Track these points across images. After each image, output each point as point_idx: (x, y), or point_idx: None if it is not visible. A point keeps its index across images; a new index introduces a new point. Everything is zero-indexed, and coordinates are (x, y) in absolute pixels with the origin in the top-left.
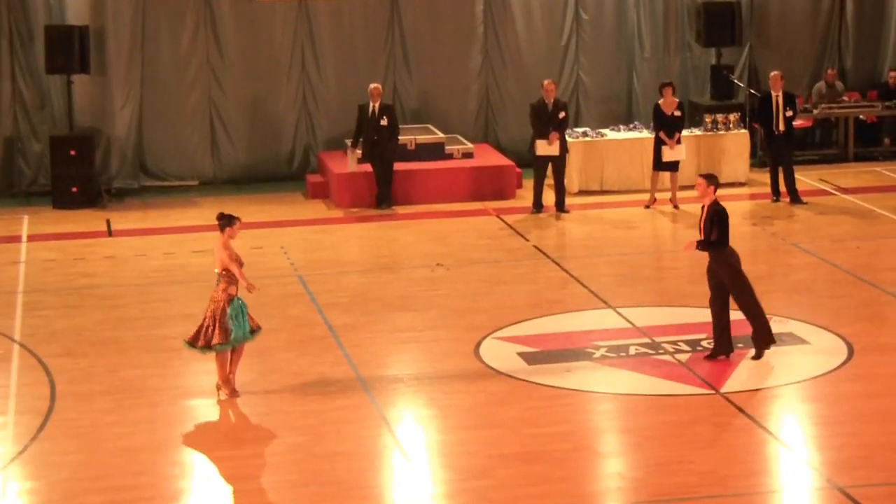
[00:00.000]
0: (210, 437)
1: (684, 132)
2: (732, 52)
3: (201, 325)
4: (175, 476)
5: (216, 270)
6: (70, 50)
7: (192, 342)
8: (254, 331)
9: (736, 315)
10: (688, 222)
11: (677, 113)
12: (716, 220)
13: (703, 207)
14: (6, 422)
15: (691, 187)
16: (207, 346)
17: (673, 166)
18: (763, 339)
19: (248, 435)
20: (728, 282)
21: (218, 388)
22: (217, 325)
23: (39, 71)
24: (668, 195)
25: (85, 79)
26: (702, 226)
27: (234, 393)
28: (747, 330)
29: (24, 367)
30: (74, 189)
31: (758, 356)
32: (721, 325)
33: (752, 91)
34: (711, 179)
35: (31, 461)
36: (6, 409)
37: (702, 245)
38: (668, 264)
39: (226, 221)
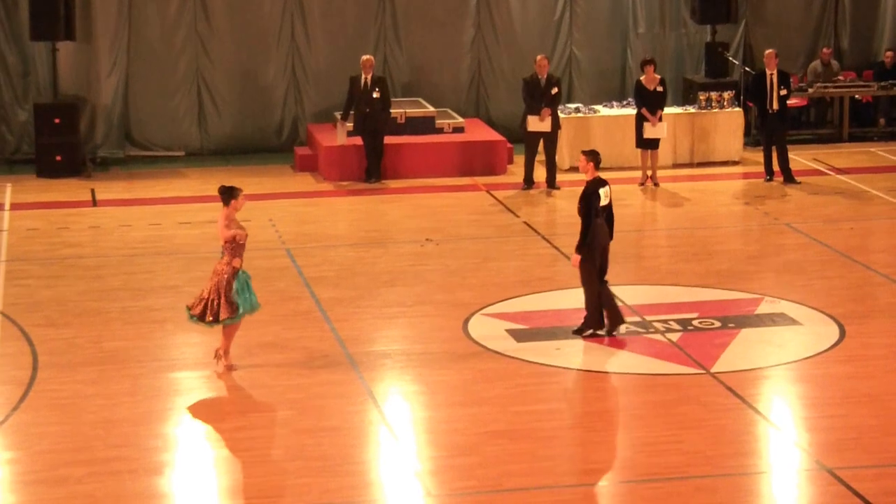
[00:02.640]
0: (193, 410)
1: (678, 109)
2: (728, 30)
3: (206, 299)
4: (157, 448)
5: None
6: (55, 16)
7: (200, 316)
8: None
9: (721, 295)
10: (669, 201)
11: (659, 89)
12: (582, 198)
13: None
14: None
15: (684, 165)
16: (215, 321)
17: (654, 144)
18: (590, 323)
19: (232, 408)
20: (584, 260)
21: (217, 358)
22: (223, 299)
23: (24, 37)
24: (650, 173)
25: (70, 46)
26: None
27: (231, 367)
28: (740, 310)
29: (5, 336)
30: (59, 158)
31: (578, 332)
32: (598, 302)
33: (747, 69)
34: (591, 156)
35: (12, 431)
36: None
37: (578, 250)
38: (660, 242)
39: (229, 194)
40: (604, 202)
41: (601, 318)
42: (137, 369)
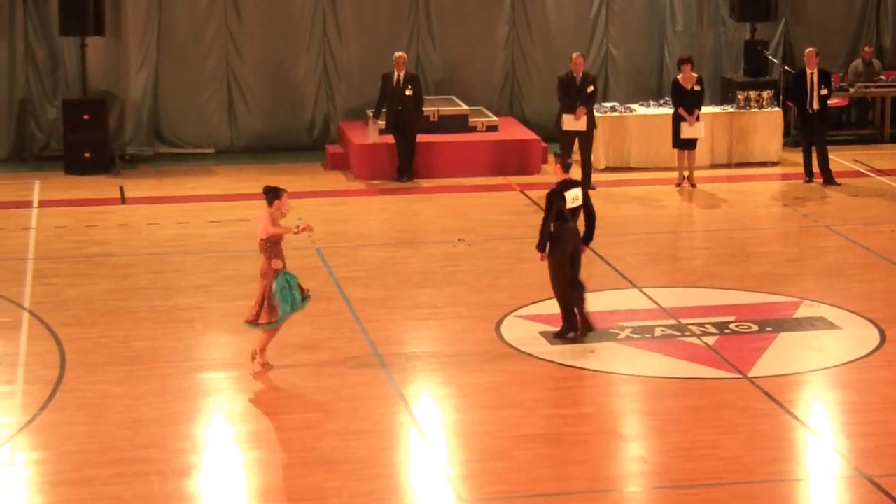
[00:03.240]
0: (222, 410)
1: (716, 109)
2: (767, 28)
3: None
4: (185, 450)
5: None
6: (84, 11)
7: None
8: (304, 298)
9: (758, 299)
10: (706, 202)
11: (697, 88)
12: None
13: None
14: (14, 391)
15: (721, 166)
16: (254, 323)
17: (691, 144)
18: (567, 327)
19: (261, 410)
20: (550, 262)
21: (253, 358)
22: (266, 304)
23: (53, 33)
24: (687, 173)
25: (99, 41)
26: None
27: (266, 365)
28: (778, 314)
29: (33, 335)
30: (87, 154)
31: (558, 336)
32: (571, 305)
33: (787, 68)
34: (559, 158)
35: (40, 431)
36: (14, 378)
37: (537, 248)
38: (696, 244)
39: (273, 194)
40: (570, 205)
41: (577, 321)
42: (165, 369)
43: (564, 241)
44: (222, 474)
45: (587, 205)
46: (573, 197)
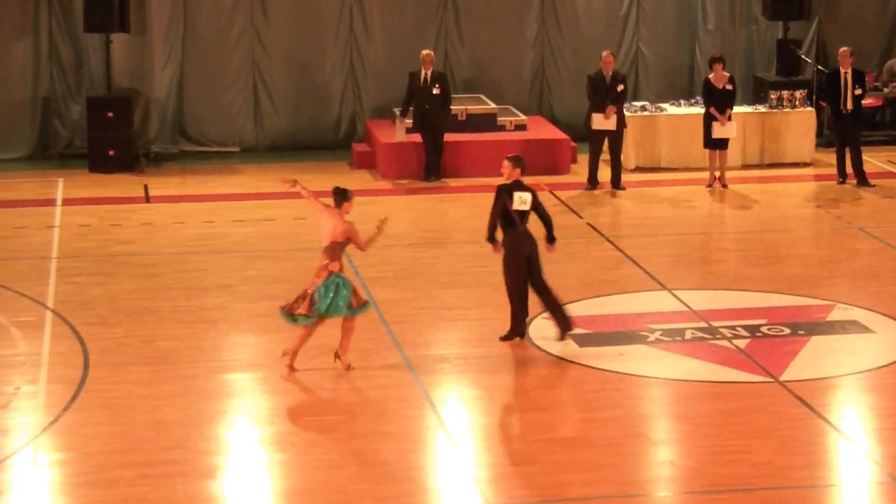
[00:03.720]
0: (247, 412)
1: (748, 108)
2: (800, 27)
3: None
4: (210, 451)
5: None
6: (109, 7)
7: (307, 314)
8: (354, 307)
9: (790, 301)
10: (737, 203)
11: (728, 87)
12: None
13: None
14: (38, 391)
15: (753, 166)
16: (290, 314)
17: (722, 144)
18: (515, 330)
19: (287, 412)
20: (503, 266)
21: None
22: (308, 297)
23: (77, 29)
24: (718, 174)
25: (124, 38)
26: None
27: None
28: (811, 317)
29: (56, 334)
30: (111, 152)
31: (508, 337)
32: (519, 310)
33: (820, 67)
34: (515, 161)
35: (63, 432)
36: (38, 377)
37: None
38: (727, 245)
39: (343, 196)
40: (517, 206)
41: (524, 327)
42: (190, 370)
43: (517, 246)
44: (247, 476)
45: (539, 209)
46: (521, 199)
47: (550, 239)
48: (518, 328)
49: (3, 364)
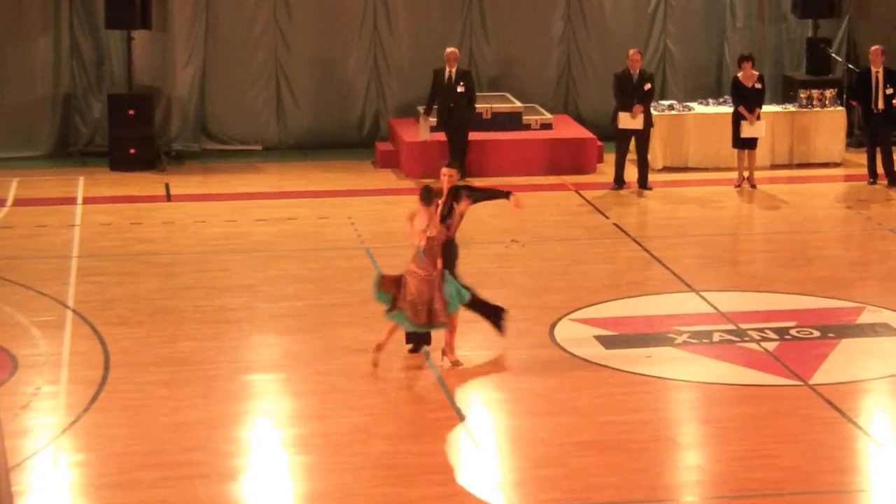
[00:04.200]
0: (268, 413)
1: (777, 108)
2: (830, 24)
3: (426, 304)
4: (231, 453)
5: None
6: (131, 4)
7: (428, 323)
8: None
9: (820, 304)
10: (766, 203)
11: (758, 86)
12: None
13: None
14: (58, 391)
15: (782, 166)
16: (429, 325)
17: (751, 143)
18: (494, 317)
19: (308, 413)
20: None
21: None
22: (440, 302)
23: (99, 25)
24: (747, 174)
25: (146, 35)
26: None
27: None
28: (841, 319)
29: (76, 334)
30: (132, 150)
31: (502, 331)
32: (477, 312)
33: (851, 66)
34: (454, 165)
35: (84, 433)
36: (58, 378)
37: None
38: (756, 247)
39: (433, 194)
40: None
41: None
42: (212, 371)
43: (453, 255)
44: (269, 479)
45: (481, 195)
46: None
47: (506, 195)
48: (494, 315)
49: (24, 364)
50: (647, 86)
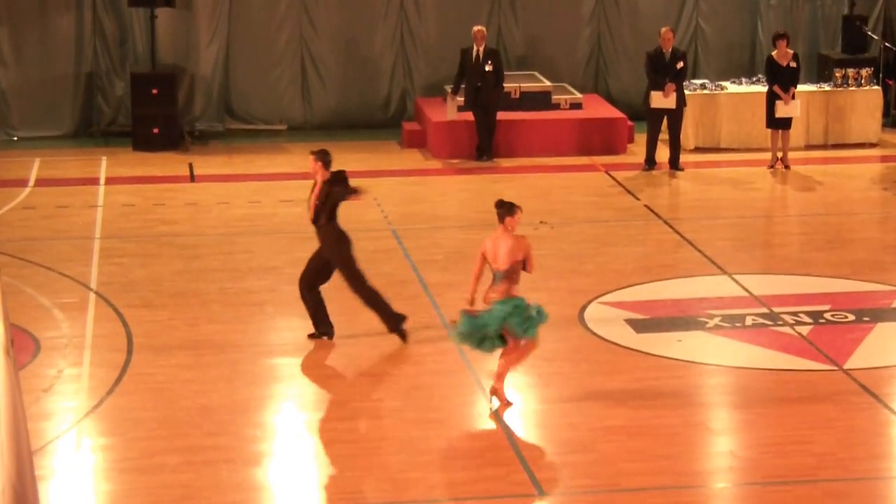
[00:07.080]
0: (293, 398)
1: (812, 87)
2: (866, 2)
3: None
4: (255, 438)
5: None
6: None
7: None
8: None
9: (855, 287)
10: (801, 185)
11: (793, 64)
12: (328, 200)
13: (314, 183)
14: (81, 374)
15: (817, 147)
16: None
17: (785, 123)
18: (392, 322)
19: (333, 397)
20: (340, 267)
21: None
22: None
23: (122, 4)
24: (780, 154)
25: (169, 13)
26: (313, 202)
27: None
28: (876, 303)
29: (99, 316)
30: (156, 130)
31: (403, 337)
32: (314, 307)
33: (887, 44)
34: (320, 155)
35: (107, 416)
36: (81, 360)
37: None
38: (790, 229)
39: (507, 209)
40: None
41: (392, 311)
42: (235, 354)
43: (348, 243)
44: (294, 463)
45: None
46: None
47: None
48: (392, 319)
49: (46, 346)
50: (680, 64)
